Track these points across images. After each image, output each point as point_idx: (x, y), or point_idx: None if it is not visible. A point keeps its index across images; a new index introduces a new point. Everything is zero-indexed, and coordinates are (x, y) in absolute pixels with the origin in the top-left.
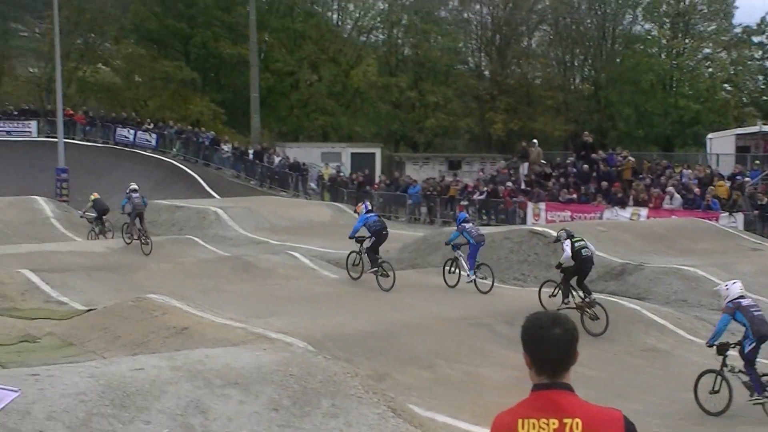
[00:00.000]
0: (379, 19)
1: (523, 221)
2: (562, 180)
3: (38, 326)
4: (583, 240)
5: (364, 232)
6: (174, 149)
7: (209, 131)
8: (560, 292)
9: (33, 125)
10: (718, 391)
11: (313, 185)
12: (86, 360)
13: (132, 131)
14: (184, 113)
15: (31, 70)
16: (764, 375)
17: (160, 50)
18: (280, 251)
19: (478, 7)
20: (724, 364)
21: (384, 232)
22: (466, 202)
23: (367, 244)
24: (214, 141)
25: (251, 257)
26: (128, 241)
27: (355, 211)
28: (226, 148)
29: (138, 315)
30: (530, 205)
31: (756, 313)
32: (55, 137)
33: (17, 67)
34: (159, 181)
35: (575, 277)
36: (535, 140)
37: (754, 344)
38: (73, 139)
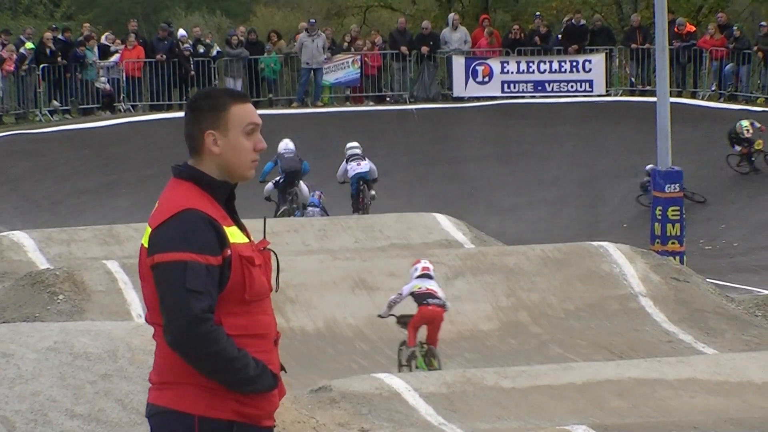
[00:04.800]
0: None
1: None
2: None
3: None
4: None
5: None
6: None
7: None
8: None
9: (601, 66)
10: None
11: None
12: None
13: None
14: None
15: None
16: (292, 211)
17: None
18: None
19: None
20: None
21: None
22: None
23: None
24: None
25: None
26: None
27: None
28: None
29: None
30: None
31: (287, 156)
32: (643, 97)
33: None
34: None
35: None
36: None
37: (282, 178)
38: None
